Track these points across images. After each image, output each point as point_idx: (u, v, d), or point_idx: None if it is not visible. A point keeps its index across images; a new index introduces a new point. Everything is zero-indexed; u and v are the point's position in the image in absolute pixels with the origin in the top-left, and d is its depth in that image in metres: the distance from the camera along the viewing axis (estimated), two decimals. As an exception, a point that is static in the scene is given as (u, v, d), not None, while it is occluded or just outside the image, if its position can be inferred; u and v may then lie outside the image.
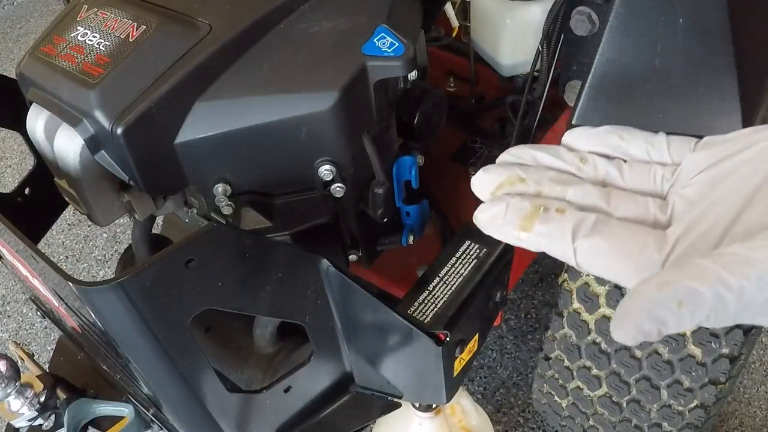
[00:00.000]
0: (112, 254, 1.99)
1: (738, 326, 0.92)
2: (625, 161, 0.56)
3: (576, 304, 1.03)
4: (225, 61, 0.68)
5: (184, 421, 0.70)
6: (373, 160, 0.73)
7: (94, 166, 0.68)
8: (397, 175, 0.82)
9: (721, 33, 0.62)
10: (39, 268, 0.62)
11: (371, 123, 0.73)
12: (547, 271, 1.77)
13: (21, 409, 0.75)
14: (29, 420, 0.77)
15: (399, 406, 0.86)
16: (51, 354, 0.91)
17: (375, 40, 0.68)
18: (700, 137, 0.55)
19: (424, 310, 0.71)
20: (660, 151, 0.55)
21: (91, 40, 0.70)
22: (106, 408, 0.81)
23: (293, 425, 0.79)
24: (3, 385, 0.73)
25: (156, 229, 0.98)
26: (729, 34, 0.63)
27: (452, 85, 1.29)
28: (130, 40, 0.68)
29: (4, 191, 0.93)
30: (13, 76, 0.79)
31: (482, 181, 0.56)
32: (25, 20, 3.09)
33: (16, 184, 0.94)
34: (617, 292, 0.97)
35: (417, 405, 1.03)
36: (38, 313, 0.96)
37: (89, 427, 0.81)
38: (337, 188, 0.73)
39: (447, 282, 0.73)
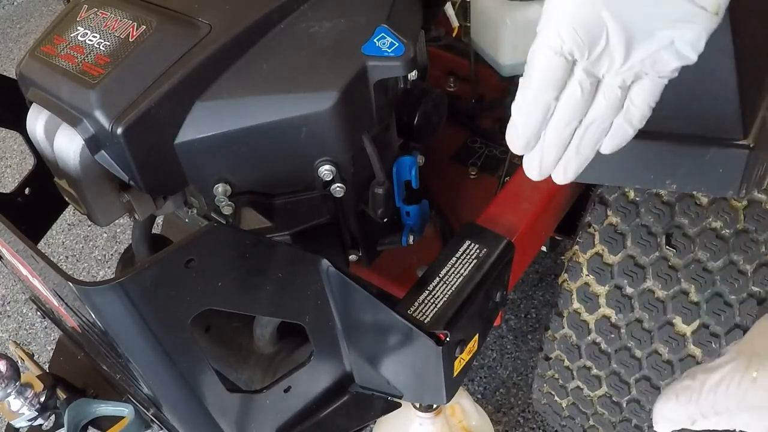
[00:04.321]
0: (112, 254, 1.99)
1: (738, 326, 0.92)
2: None
3: (576, 304, 1.03)
4: (225, 61, 0.68)
5: (184, 421, 0.70)
6: (373, 160, 0.73)
7: (94, 166, 0.68)
8: (397, 175, 0.82)
9: (721, 33, 0.62)
10: (39, 268, 0.62)
11: (371, 123, 0.73)
12: (547, 271, 1.77)
13: (21, 409, 0.75)
14: (29, 420, 0.77)
15: (399, 406, 0.86)
16: (51, 354, 0.91)
17: (375, 40, 0.68)
18: None
19: (424, 310, 0.71)
20: None
21: (91, 40, 0.70)
22: (106, 408, 0.81)
23: (293, 425, 0.79)
24: (3, 385, 0.73)
25: (156, 229, 0.98)
26: (729, 34, 0.63)
27: (452, 85, 1.28)
28: (130, 40, 0.68)
29: (4, 191, 0.93)
30: (13, 76, 0.79)
31: None
32: (25, 20, 3.09)
33: (16, 184, 0.94)
34: (617, 292, 0.97)
35: (417, 405, 1.03)
36: (38, 313, 0.96)
37: (89, 427, 0.81)
38: (337, 188, 0.73)
39: (447, 282, 0.73)
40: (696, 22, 0.49)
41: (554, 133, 0.54)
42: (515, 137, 0.55)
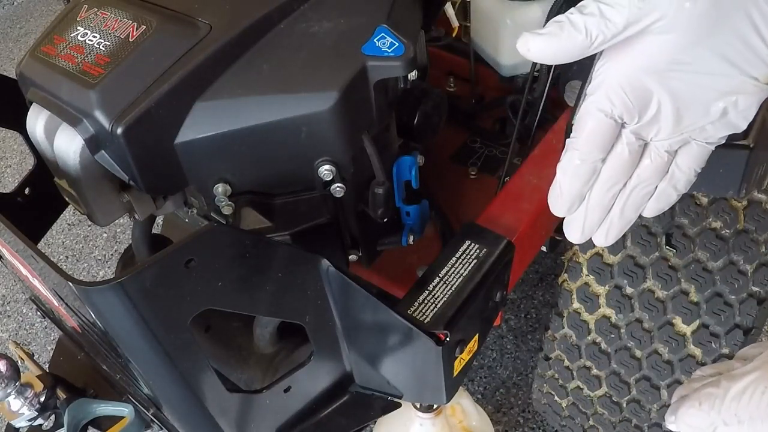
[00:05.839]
0: (112, 254, 1.99)
1: (738, 326, 0.92)
2: None
3: (576, 304, 1.03)
4: (225, 61, 0.68)
5: (184, 421, 0.70)
6: (373, 160, 0.73)
7: (94, 166, 0.68)
8: (397, 175, 0.82)
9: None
10: (39, 268, 0.62)
11: (371, 123, 0.73)
12: (547, 271, 1.77)
13: (21, 409, 0.75)
14: (29, 420, 0.77)
15: (399, 406, 0.86)
16: (51, 354, 0.91)
17: (375, 40, 0.68)
18: None
19: (424, 310, 0.71)
20: None
21: (91, 40, 0.70)
22: (106, 408, 0.81)
23: (293, 425, 0.79)
24: (3, 385, 0.73)
25: (156, 229, 0.98)
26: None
27: (452, 85, 1.29)
28: (130, 40, 0.68)
29: (4, 191, 0.93)
30: (13, 76, 0.79)
31: None
32: (25, 20, 3.09)
33: (16, 184, 0.94)
34: (617, 291, 0.97)
35: (418, 406, 1.03)
36: (38, 313, 0.96)
37: (89, 427, 0.81)
38: (337, 188, 0.73)
39: (447, 282, 0.73)
40: (748, 93, 0.49)
41: (599, 195, 0.54)
42: (559, 198, 0.55)
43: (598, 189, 0.54)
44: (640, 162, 0.53)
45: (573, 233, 0.57)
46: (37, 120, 0.71)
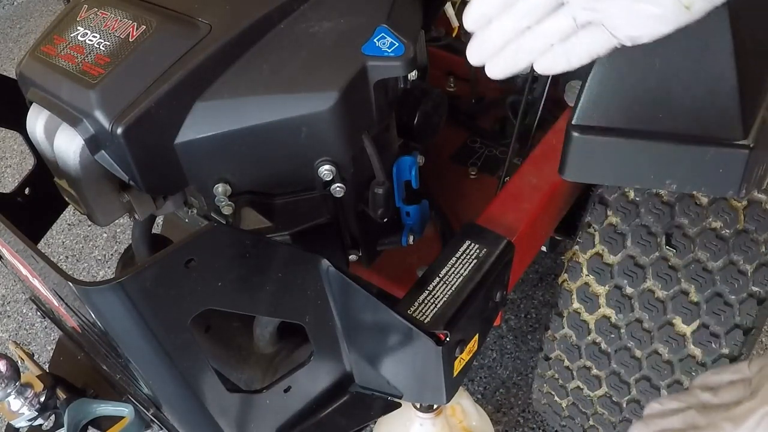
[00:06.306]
0: (112, 254, 1.99)
1: (738, 326, 0.92)
2: None
3: (576, 304, 1.03)
4: (225, 61, 0.68)
5: (184, 421, 0.70)
6: (373, 160, 0.73)
7: (94, 166, 0.68)
8: (397, 175, 0.82)
9: (720, 33, 0.62)
10: (39, 268, 0.62)
11: (371, 123, 0.73)
12: (547, 271, 1.77)
13: (21, 409, 0.75)
14: (29, 420, 0.77)
15: (399, 406, 0.86)
16: (51, 354, 0.91)
17: (375, 40, 0.68)
18: None
19: (424, 310, 0.71)
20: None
21: (91, 40, 0.70)
22: (106, 408, 0.81)
23: (293, 425, 0.79)
24: (3, 385, 0.73)
25: (156, 229, 0.98)
26: (729, 34, 0.63)
27: (452, 85, 1.29)
28: (130, 40, 0.68)
29: (4, 191, 0.93)
30: (13, 76, 0.79)
31: None
32: (25, 20, 3.09)
33: (16, 184, 0.94)
34: (617, 292, 0.97)
35: (418, 406, 1.03)
36: (38, 313, 0.96)
37: (89, 427, 0.81)
38: (337, 188, 0.73)
39: (447, 282, 0.73)
40: (666, 7, 0.49)
41: (501, 23, 0.55)
42: (470, 10, 0.56)
43: (504, 17, 0.55)
44: (548, 17, 0.54)
45: (471, 54, 0.59)
46: (37, 120, 0.71)
